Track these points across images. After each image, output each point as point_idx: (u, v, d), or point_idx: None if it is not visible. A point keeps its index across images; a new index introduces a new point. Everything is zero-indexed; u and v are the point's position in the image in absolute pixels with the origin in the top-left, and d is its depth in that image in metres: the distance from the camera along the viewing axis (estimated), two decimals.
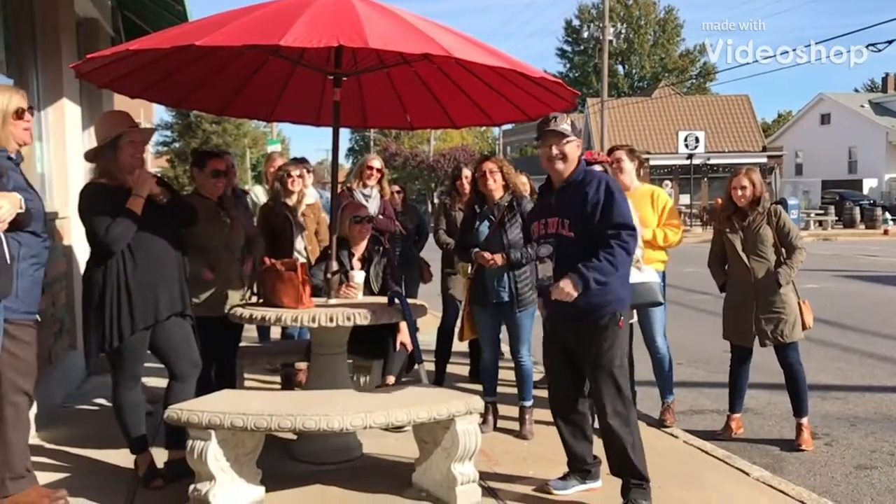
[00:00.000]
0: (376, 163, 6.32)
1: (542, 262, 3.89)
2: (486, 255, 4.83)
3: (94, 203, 3.80)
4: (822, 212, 32.48)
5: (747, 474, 4.32)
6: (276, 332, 6.73)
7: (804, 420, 4.99)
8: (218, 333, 4.42)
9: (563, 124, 3.74)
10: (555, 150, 3.73)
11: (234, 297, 4.56)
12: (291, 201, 5.95)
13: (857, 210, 31.89)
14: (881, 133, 39.64)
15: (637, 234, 3.74)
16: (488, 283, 4.92)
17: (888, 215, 31.25)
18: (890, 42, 15.38)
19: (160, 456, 4.11)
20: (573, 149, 3.76)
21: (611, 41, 35.26)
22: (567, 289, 3.52)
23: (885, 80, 50.06)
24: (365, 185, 6.20)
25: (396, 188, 6.80)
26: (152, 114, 34.44)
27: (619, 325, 3.65)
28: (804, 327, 4.89)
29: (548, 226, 3.77)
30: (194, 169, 4.61)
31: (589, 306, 3.61)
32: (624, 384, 3.72)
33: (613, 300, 3.64)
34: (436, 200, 42.19)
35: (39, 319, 3.60)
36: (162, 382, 4.21)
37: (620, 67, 55.05)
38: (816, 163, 42.13)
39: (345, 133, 52.01)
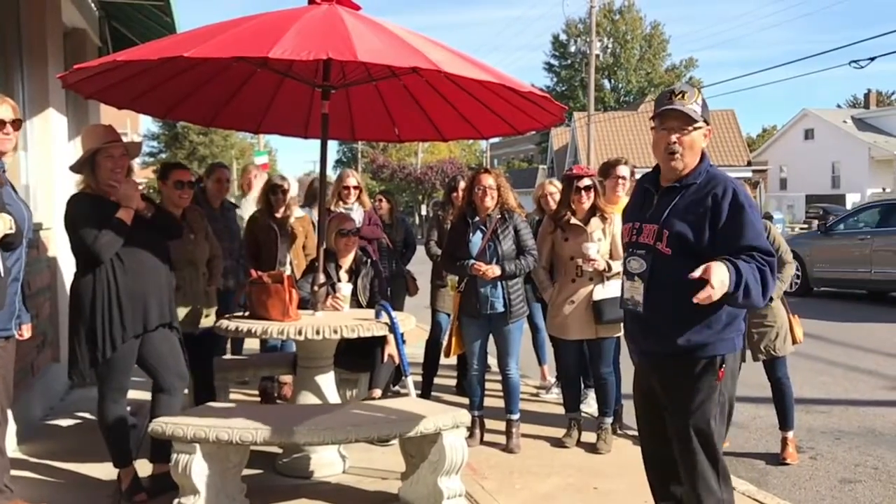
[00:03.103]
0: (352, 181, 6.20)
1: (631, 280, 2.90)
2: (482, 265, 4.83)
3: (82, 213, 3.78)
4: (805, 226, 32.69)
5: (733, 488, 4.32)
6: (255, 345, 6.67)
7: (789, 434, 5.01)
8: (188, 349, 4.39)
9: (692, 103, 2.81)
10: (674, 139, 2.81)
11: (199, 312, 4.55)
12: (279, 214, 5.95)
13: None
14: (863, 148, 40.07)
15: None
16: (481, 294, 4.92)
17: None
18: (872, 59, 15.58)
19: (144, 469, 4.07)
20: (699, 138, 2.84)
21: (597, 56, 35.53)
22: (719, 284, 2.50)
23: (867, 96, 50.79)
24: (345, 203, 6.17)
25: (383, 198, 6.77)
26: (139, 124, 34.33)
27: (718, 374, 2.76)
28: (794, 342, 4.92)
29: (642, 233, 2.89)
30: (159, 182, 4.54)
31: (684, 342, 2.76)
32: (719, 454, 2.83)
33: (716, 340, 2.76)
34: (423, 212, 42.23)
35: (14, 334, 3.55)
36: (145, 395, 4.18)
37: (607, 82, 55.35)
38: (800, 177, 42.51)
39: (332, 145, 52.05)
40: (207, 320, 4.62)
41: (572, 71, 54.31)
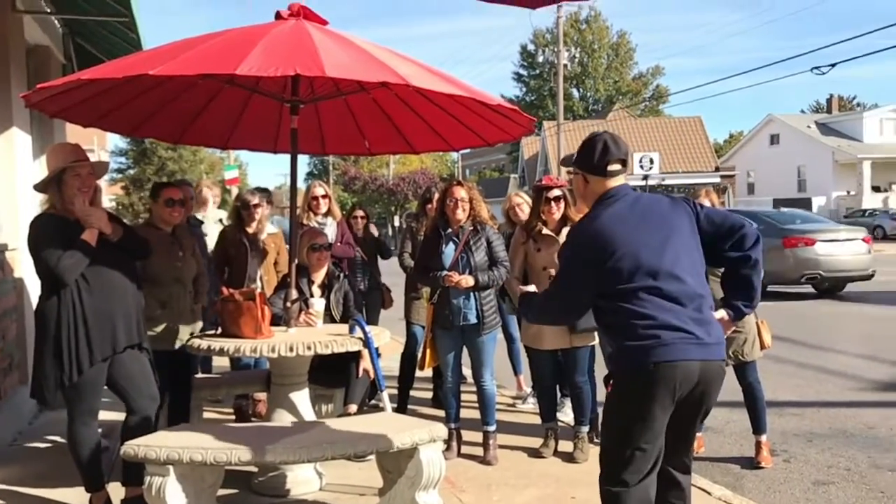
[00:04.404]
0: (320, 190, 6.21)
1: None
2: (455, 275, 4.83)
3: (45, 234, 3.71)
4: None
5: (709, 493, 4.36)
6: (224, 362, 6.57)
7: (763, 437, 5.06)
8: (168, 367, 4.34)
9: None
10: None
11: (185, 330, 4.50)
12: (251, 229, 5.91)
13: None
14: (827, 152, 40.82)
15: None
16: (454, 305, 4.92)
17: None
18: (833, 65, 15.83)
19: (117, 493, 4.00)
20: (575, 181, 3.12)
21: (565, 65, 35.80)
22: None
23: (829, 101, 51.82)
24: (316, 215, 6.15)
25: (361, 213, 6.77)
26: (106, 141, 33.93)
27: (608, 388, 2.93)
28: (763, 347, 4.97)
29: None
30: (151, 200, 4.59)
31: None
32: (608, 456, 2.90)
33: (615, 356, 2.89)
34: (396, 224, 42.15)
35: None
36: (117, 416, 4.11)
37: (575, 91, 55.85)
38: (767, 182, 43.18)
39: (303, 158, 51.78)
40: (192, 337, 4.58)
41: (541, 80, 54.79)
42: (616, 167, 2.95)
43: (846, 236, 14.14)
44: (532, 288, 3.37)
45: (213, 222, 6.52)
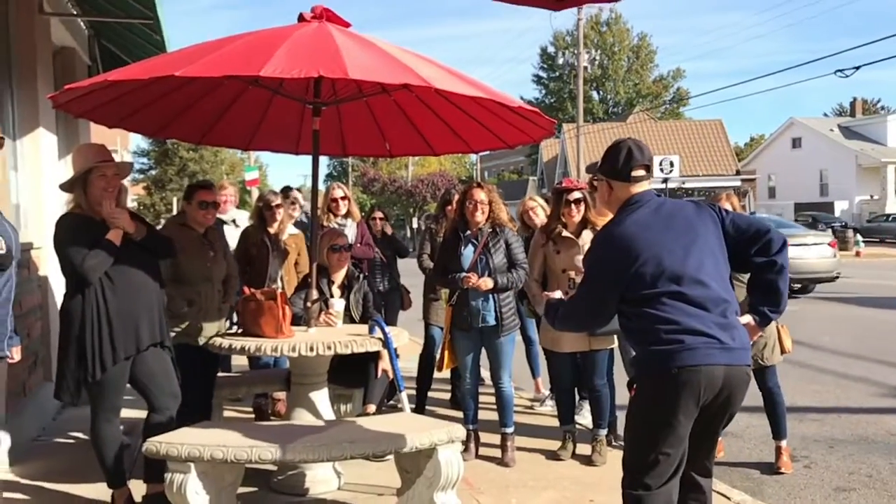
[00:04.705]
0: (339, 192, 6.27)
1: None
2: (474, 276, 4.84)
3: (70, 233, 3.77)
4: None
5: (728, 498, 4.34)
6: (243, 361, 6.62)
7: (783, 443, 5.02)
8: (193, 363, 4.39)
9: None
10: None
11: (211, 329, 4.54)
12: (273, 229, 5.96)
13: (829, 232, 32.33)
14: (850, 156, 40.37)
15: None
16: (472, 307, 4.93)
17: (859, 237, 31.72)
18: (857, 68, 15.69)
19: (138, 489, 4.04)
20: (600, 188, 3.18)
21: (585, 67, 35.67)
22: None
23: (852, 104, 51.35)
24: (336, 216, 6.19)
25: (380, 214, 6.80)
26: (129, 141, 34.22)
27: (631, 392, 2.95)
28: (783, 351, 4.94)
29: None
30: (184, 202, 4.67)
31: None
32: (631, 458, 2.91)
33: (638, 361, 2.91)
34: (415, 225, 42.21)
35: (7, 355, 3.57)
36: (139, 413, 4.16)
37: (595, 93, 55.59)
38: (789, 185, 42.76)
39: (323, 159, 51.86)
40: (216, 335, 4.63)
41: (561, 83, 54.56)
42: (640, 173, 2.97)
43: (813, 241, 15.14)
44: (558, 294, 3.36)
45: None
